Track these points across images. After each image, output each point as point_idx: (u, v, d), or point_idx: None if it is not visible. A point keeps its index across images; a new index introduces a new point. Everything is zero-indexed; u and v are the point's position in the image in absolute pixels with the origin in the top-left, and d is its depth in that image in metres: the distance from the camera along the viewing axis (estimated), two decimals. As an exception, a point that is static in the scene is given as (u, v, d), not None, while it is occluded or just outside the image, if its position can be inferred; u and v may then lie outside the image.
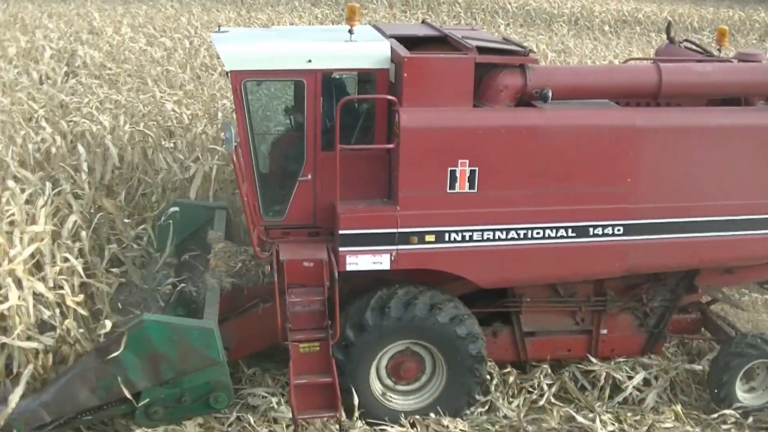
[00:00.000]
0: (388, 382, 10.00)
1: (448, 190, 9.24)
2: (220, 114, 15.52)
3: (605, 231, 9.65)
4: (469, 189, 9.25)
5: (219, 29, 9.82)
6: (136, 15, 30.14)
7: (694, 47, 11.33)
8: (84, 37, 24.53)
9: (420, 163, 9.15)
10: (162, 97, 16.63)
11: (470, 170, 9.21)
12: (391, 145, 9.28)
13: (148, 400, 9.16)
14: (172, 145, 14.08)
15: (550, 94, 9.31)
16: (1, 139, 13.38)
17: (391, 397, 10.00)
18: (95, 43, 23.60)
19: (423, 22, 11.84)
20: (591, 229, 9.62)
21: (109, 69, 20.28)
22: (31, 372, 9.28)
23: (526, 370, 10.86)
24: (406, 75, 9.04)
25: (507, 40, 10.37)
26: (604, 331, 10.77)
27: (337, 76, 9.65)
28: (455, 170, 9.17)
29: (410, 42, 9.77)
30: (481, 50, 9.37)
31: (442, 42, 10.12)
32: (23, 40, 23.20)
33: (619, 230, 9.67)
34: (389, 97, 9.23)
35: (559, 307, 10.66)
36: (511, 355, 10.74)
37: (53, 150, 13.38)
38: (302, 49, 9.33)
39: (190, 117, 15.19)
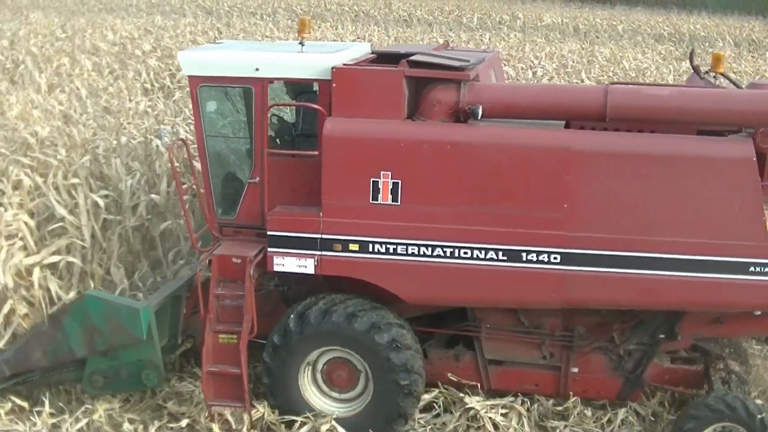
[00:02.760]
0: (324, 388, 9.93)
1: (371, 201, 9.14)
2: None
3: (540, 258, 9.00)
4: (392, 201, 9.11)
5: (215, 40, 10.31)
6: (479, 43, 30.89)
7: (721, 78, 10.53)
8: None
9: (343, 171, 9.17)
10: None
11: (393, 182, 9.08)
12: (315, 152, 9.34)
13: (92, 368, 10.06)
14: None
15: (480, 110, 9.00)
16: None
17: (325, 402, 9.92)
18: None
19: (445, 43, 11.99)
20: (524, 255, 9.02)
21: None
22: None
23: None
24: (335, 85, 9.17)
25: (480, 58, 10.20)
26: (575, 370, 9.97)
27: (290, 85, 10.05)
28: (378, 181, 9.09)
29: (392, 59, 9.70)
30: (412, 64, 9.28)
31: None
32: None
33: (555, 258, 8.97)
34: (315, 106, 9.47)
35: (523, 337, 9.98)
36: (477, 381, 10.21)
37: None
38: (251, 58, 9.72)
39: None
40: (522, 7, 54.15)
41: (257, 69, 9.56)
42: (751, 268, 8.72)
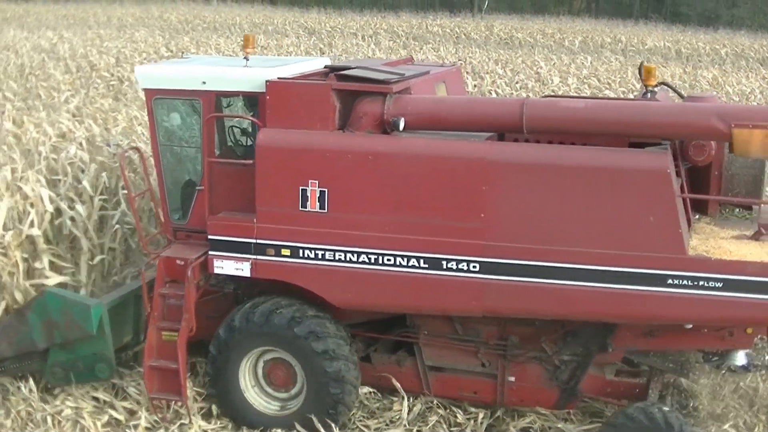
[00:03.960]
0: (264, 384, 10.28)
1: (300, 208, 9.47)
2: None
3: (460, 266, 9.13)
4: (320, 209, 9.42)
5: (183, 54, 10.55)
6: (581, 66, 30.71)
7: (669, 89, 10.66)
8: (530, 84, 25.29)
9: (274, 180, 9.52)
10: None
11: (320, 191, 9.39)
12: (249, 161, 9.65)
13: (52, 360, 10.67)
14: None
15: (401, 122, 9.26)
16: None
17: (262, 398, 10.29)
18: (541, 91, 24.25)
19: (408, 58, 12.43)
20: (444, 263, 9.16)
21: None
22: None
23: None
24: (268, 98, 9.56)
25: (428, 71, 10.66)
26: (512, 379, 10.05)
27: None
28: (306, 189, 9.42)
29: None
30: (341, 78, 9.61)
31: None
32: (471, 84, 24.32)
33: (474, 267, 9.08)
34: (250, 117, 10.06)
35: (460, 345, 10.09)
36: (417, 388, 10.42)
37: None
38: (198, 72, 10.24)
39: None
40: (624, 31, 53.66)
41: (204, 82, 10.07)
42: (669, 281, 8.65)
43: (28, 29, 44.90)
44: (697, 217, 9.72)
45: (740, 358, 9.52)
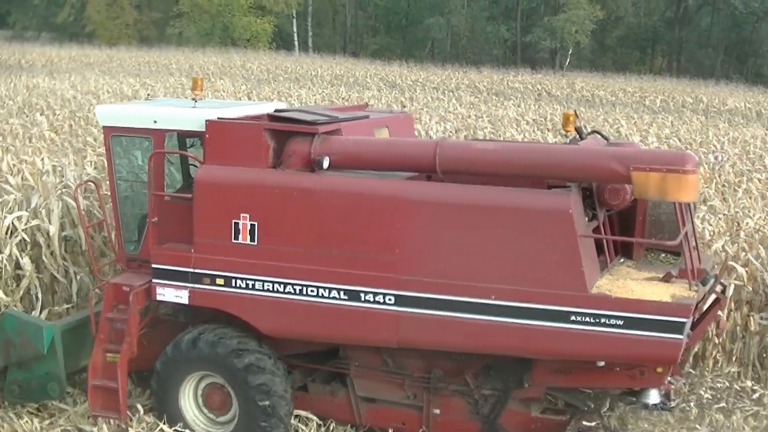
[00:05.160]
0: (204, 409, 10.70)
1: (233, 240, 9.99)
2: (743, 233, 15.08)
3: (377, 299, 9.58)
4: (251, 241, 9.94)
5: (148, 95, 10.78)
6: (662, 125, 30.46)
7: (600, 136, 11.01)
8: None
9: (210, 213, 10.07)
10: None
11: (251, 224, 9.92)
12: (189, 195, 10.23)
13: (10, 378, 11.27)
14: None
15: (325, 161, 9.76)
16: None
17: (201, 422, 10.71)
18: (622, 149, 23.97)
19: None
20: (362, 295, 9.62)
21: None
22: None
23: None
24: (207, 136, 10.18)
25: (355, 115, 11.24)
26: (437, 411, 10.39)
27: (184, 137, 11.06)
28: (238, 223, 9.95)
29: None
30: (273, 119, 10.29)
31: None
32: (552, 141, 24.16)
33: (390, 300, 9.52)
34: (191, 154, 10.76)
35: (388, 377, 10.48)
36: (350, 418, 10.82)
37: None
38: (150, 112, 10.91)
39: (712, 233, 14.84)
40: (705, 91, 53.05)
41: (155, 121, 10.73)
42: (573, 317, 8.94)
43: (111, 75, 45.95)
44: (622, 260, 10.06)
45: (653, 396, 9.83)
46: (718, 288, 9.90)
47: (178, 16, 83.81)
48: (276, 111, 10.90)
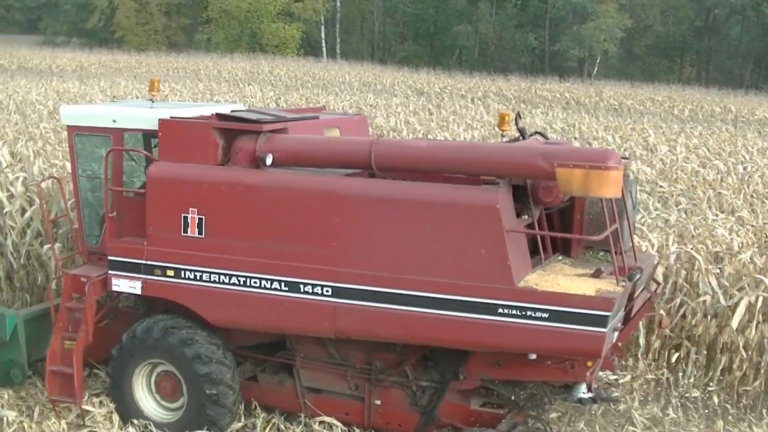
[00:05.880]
0: (156, 396, 11.11)
1: (182, 234, 10.37)
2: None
3: (315, 290, 9.90)
4: (198, 234, 10.32)
5: (114, 97, 11.11)
6: (690, 135, 30.38)
7: (541, 137, 11.31)
8: (638, 152, 25.02)
9: (162, 207, 10.48)
10: (714, 220, 16.44)
11: (198, 218, 10.30)
12: (143, 191, 10.62)
13: None
14: (718, 270, 13.80)
15: (268, 158, 10.10)
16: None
17: (153, 407, 11.13)
18: (649, 159, 23.95)
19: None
20: (302, 286, 9.94)
21: (661, 187, 20.42)
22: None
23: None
24: (160, 134, 10.61)
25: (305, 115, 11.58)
26: (378, 402, 10.71)
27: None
28: (187, 217, 10.34)
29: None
30: (221, 118, 10.64)
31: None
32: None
33: (327, 291, 9.85)
34: (145, 152, 11.09)
35: (331, 368, 10.82)
36: (297, 408, 11.12)
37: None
38: (109, 111, 11.43)
39: (741, 244, 14.82)
40: (734, 101, 52.71)
41: (114, 121, 11.21)
42: (500, 310, 9.13)
43: (139, 80, 46.22)
44: (560, 257, 10.26)
45: (584, 390, 10.10)
46: (652, 286, 10.35)
47: (206, 22, 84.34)
48: (232, 112, 11.27)
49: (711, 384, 13.23)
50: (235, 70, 59.09)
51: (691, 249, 13.97)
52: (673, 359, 13.43)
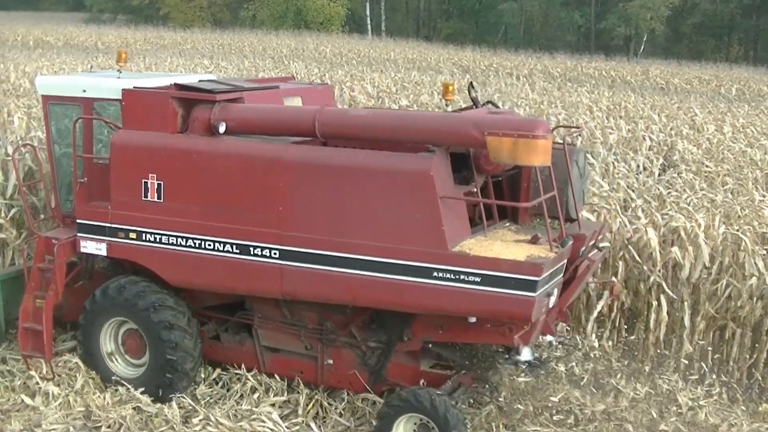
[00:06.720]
0: (122, 350, 11.64)
1: (143, 198, 10.86)
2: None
3: (263, 252, 10.35)
4: (158, 199, 10.81)
5: (91, 68, 11.30)
6: (737, 115, 30.04)
7: (493, 107, 11.44)
8: (684, 132, 24.81)
9: (124, 173, 10.97)
10: (761, 201, 16.26)
11: (158, 183, 10.79)
12: (107, 157, 11.17)
13: None
14: (765, 252, 13.71)
15: (221, 126, 10.51)
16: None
17: (118, 362, 11.65)
18: (695, 139, 23.75)
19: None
20: (251, 249, 10.39)
21: (707, 167, 20.21)
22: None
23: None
24: (124, 104, 11.12)
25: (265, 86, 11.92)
26: (330, 362, 11.14)
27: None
28: (147, 182, 10.83)
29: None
30: (179, 87, 11.03)
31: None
32: (625, 128, 24.01)
33: (275, 254, 10.27)
34: (109, 121, 11.39)
35: (287, 328, 11.22)
36: (256, 366, 11.57)
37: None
38: (80, 81, 12.02)
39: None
40: (782, 79, 52.08)
41: (84, 90, 11.70)
42: (435, 273, 9.47)
43: (185, 57, 46.49)
44: (507, 224, 10.49)
45: (525, 353, 10.33)
46: (593, 253, 10.61)
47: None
48: (199, 81, 11.65)
49: (756, 366, 13.19)
50: (280, 47, 59.29)
51: (738, 230, 13.88)
52: (717, 340, 13.39)
